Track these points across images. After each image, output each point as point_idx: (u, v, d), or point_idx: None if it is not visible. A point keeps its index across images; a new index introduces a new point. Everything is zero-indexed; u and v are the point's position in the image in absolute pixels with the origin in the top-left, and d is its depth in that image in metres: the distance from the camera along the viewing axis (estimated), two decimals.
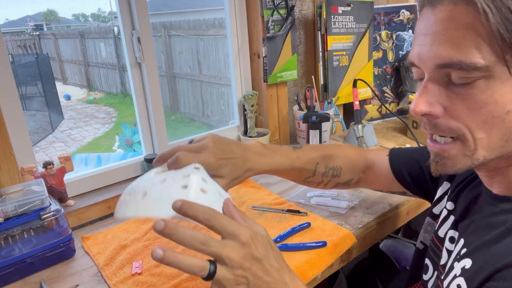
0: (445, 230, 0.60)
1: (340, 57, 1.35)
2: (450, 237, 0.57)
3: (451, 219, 0.60)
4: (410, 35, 1.60)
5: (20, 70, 5.78)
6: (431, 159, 0.52)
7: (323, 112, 1.16)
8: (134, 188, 0.58)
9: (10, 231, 0.73)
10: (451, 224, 0.59)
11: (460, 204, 0.59)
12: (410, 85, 1.46)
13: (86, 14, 13.77)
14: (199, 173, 0.58)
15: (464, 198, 0.59)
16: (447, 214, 0.61)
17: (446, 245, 0.58)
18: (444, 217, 0.62)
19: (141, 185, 0.57)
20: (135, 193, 0.56)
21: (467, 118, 0.45)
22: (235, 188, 1.05)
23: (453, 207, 0.61)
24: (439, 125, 0.47)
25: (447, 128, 0.47)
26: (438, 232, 0.61)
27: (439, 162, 0.50)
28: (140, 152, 1.15)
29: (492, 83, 0.42)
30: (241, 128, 1.31)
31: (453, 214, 0.60)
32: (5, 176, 0.82)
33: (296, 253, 0.76)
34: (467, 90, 0.44)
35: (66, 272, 0.75)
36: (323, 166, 0.75)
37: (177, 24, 4.75)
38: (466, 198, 0.58)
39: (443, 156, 0.49)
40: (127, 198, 0.58)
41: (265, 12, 1.16)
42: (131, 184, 0.61)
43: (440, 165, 0.50)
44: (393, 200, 0.94)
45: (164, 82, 4.98)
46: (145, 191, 0.56)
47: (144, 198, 0.55)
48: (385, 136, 1.40)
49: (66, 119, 5.85)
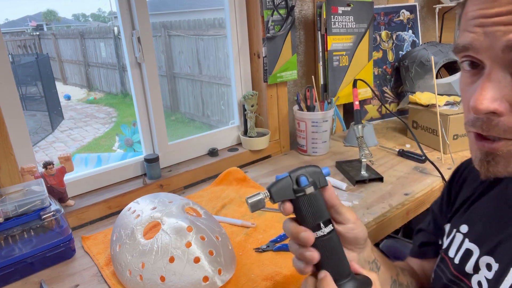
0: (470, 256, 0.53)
1: (340, 57, 1.35)
2: (486, 264, 0.50)
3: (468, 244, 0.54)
4: (410, 35, 1.60)
5: (20, 70, 5.78)
6: (480, 159, 0.45)
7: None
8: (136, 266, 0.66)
9: (10, 231, 0.73)
10: (479, 250, 0.52)
11: (478, 225, 0.54)
12: (410, 85, 1.46)
13: (86, 14, 13.79)
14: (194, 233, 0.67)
15: (476, 215, 0.55)
16: (461, 240, 0.56)
17: (480, 275, 0.51)
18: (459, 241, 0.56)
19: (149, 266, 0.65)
20: (149, 277, 0.64)
21: None
22: (236, 188, 1.05)
23: (466, 230, 0.56)
24: (501, 125, 0.41)
25: (510, 128, 0.40)
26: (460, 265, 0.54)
27: (490, 162, 0.44)
28: (141, 152, 1.15)
29: None
30: (241, 128, 1.31)
31: (469, 237, 0.55)
32: (5, 176, 0.82)
33: None
34: None
35: (66, 272, 0.75)
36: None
37: (177, 24, 4.74)
38: (480, 214, 0.55)
39: (496, 155, 0.43)
40: (137, 280, 0.65)
41: (265, 12, 1.16)
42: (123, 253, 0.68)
43: (492, 165, 0.44)
44: (393, 200, 0.94)
45: (164, 82, 4.98)
46: (160, 274, 0.64)
47: (165, 284, 0.63)
48: (385, 136, 1.40)
49: (66, 119, 5.85)
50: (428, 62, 1.36)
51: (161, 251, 0.65)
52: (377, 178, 1.04)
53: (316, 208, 0.47)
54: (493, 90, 0.40)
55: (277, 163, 1.23)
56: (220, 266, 0.67)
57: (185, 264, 0.64)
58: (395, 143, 1.32)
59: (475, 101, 0.40)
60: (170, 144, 1.15)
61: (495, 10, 0.38)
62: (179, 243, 0.65)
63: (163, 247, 0.65)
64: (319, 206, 0.47)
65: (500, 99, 0.40)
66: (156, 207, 0.72)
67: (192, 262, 0.64)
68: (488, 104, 0.39)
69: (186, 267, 0.64)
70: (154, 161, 1.05)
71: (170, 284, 0.63)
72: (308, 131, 1.22)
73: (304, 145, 1.25)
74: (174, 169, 1.13)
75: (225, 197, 1.00)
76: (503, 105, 0.40)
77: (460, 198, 0.62)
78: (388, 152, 1.25)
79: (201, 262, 0.65)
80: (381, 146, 1.30)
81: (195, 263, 0.65)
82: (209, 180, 1.15)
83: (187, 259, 0.64)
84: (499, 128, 0.41)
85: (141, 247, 0.66)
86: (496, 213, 0.53)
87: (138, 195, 1.01)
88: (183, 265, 0.64)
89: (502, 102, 0.40)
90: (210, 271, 0.65)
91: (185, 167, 1.14)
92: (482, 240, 0.53)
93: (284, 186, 0.46)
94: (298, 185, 0.46)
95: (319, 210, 0.47)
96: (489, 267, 0.50)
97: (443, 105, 1.23)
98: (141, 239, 0.68)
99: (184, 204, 0.75)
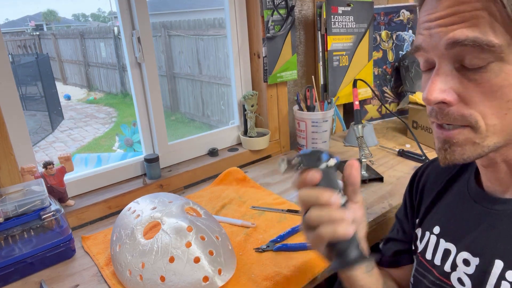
0: (448, 256, 0.54)
1: (340, 57, 1.35)
2: (463, 259, 0.52)
3: (445, 244, 0.55)
4: (410, 35, 1.60)
5: (20, 70, 5.78)
6: (439, 147, 0.49)
7: None
8: (136, 266, 0.66)
9: (10, 231, 0.73)
10: (455, 247, 0.54)
11: (450, 224, 0.56)
12: (410, 85, 1.46)
13: (86, 14, 13.79)
14: (194, 233, 0.68)
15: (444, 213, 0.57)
16: (436, 241, 0.57)
17: (459, 272, 0.52)
18: (434, 242, 0.58)
19: (149, 266, 0.65)
20: (149, 276, 0.65)
21: (481, 104, 0.43)
22: (235, 188, 1.05)
23: (438, 231, 0.57)
24: (451, 113, 0.45)
25: (460, 116, 0.45)
26: (442, 266, 0.55)
27: (447, 150, 0.47)
28: (141, 152, 1.15)
29: (505, 67, 0.41)
30: (241, 128, 1.31)
31: (445, 237, 0.56)
32: (5, 176, 0.82)
33: (296, 253, 0.76)
34: (481, 75, 0.42)
35: (66, 272, 0.75)
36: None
37: (177, 24, 4.75)
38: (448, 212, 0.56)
39: (452, 143, 0.47)
40: (137, 280, 0.66)
41: (265, 12, 1.16)
42: (123, 253, 0.69)
43: (448, 152, 0.47)
44: (393, 200, 0.94)
45: (164, 82, 4.98)
46: (160, 274, 0.64)
47: (165, 284, 0.64)
48: (385, 136, 1.40)
49: (66, 119, 5.85)
50: None
51: (161, 251, 0.65)
52: (377, 178, 1.04)
53: (334, 179, 0.54)
54: (441, 83, 0.44)
55: (277, 163, 1.23)
56: (220, 266, 0.67)
57: (185, 264, 0.64)
58: (395, 143, 1.32)
59: (426, 93, 0.45)
60: (170, 144, 1.15)
61: (437, 14, 0.43)
62: (179, 243, 0.65)
63: (163, 247, 0.65)
64: (335, 178, 0.54)
65: (447, 90, 0.44)
66: (156, 207, 0.72)
67: (192, 262, 0.64)
68: (437, 95, 0.44)
69: (186, 267, 0.64)
70: (154, 161, 1.05)
71: (170, 284, 0.63)
72: (308, 131, 1.22)
73: (304, 145, 1.25)
74: (174, 169, 1.13)
75: (225, 197, 1.00)
76: (450, 95, 0.44)
77: (425, 202, 0.63)
78: (388, 152, 1.25)
79: (201, 262, 0.65)
80: (381, 146, 1.30)
81: (195, 263, 0.65)
82: (209, 180, 1.15)
83: (187, 259, 0.64)
84: (449, 116, 0.45)
85: (141, 247, 0.66)
86: (464, 209, 0.55)
87: (138, 195, 1.01)
88: (183, 265, 0.64)
89: (450, 92, 0.44)
90: (210, 271, 0.65)
91: (185, 167, 1.14)
92: (457, 238, 0.54)
93: (311, 157, 0.53)
94: (319, 160, 0.53)
95: (335, 182, 0.54)
96: (466, 262, 0.51)
97: None
98: (141, 239, 0.68)
99: (184, 204, 0.75)
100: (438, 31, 0.43)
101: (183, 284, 0.63)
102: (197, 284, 0.64)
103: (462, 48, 0.42)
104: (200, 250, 0.66)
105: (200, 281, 0.64)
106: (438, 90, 0.44)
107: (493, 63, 0.42)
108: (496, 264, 0.48)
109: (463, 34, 0.41)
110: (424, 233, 0.60)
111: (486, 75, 0.42)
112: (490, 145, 0.45)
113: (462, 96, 0.44)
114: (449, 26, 0.42)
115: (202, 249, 0.66)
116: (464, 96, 0.44)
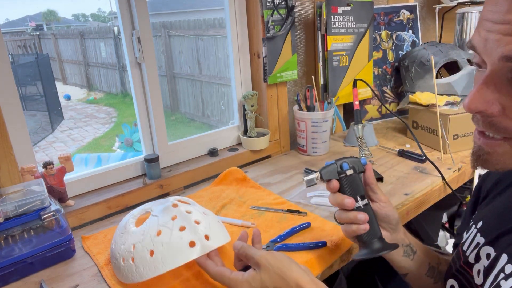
0: (475, 248, 0.57)
1: (340, 57, 1.35)
2: (486, 253, 0.53)
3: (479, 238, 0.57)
4: (410, 35, 1.60)
5: (20, 70, 5.77)
6: (474, 152, 0.48)
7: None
8: (128, 250, 0.66)
9: (10, 231, 0.73)
10: (483, 241, 0.56)
11: (490, 220, 0.57)
12: (410, 85, 1.46)
13: (86, 14, 13.79)
14: (180, 208, 0.70)
15: (491, 211, 0.58)
16: (475, 234, 0.59)
17: (480, 264, 0.54)
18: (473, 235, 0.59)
19: (138, 245, 0.65)
20: (139, 255, 0.64)
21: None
22: (235, 188, 1.05)
23: (480, 225, 0.58)
24: (494, 124, 0.43)
25: (503, 128, 0.43)
26: (466, 253, 0.58)
27: (481, 157, 0.47)
28: (141, 151, 1.15)
29: None
30: (241, 128, 1.31)
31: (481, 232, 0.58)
32: (5, 176, 0.82)
33: (296, 253, 0.75)
34: None
35: (66, 272, 0.75)
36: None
37: (177, 24, 4.74)
38: (493, 211, 0.57)
39: (487, 152, 0.46)
40: (130, 263, 0.65)
41: (265, 12, 1.16)
42: (117, 246, 0.69)
43: (481, 160, 0.47)
44: (393, 200, 0.94)
45: (164, 82, 4.98)
46: (149, 249, 0.64)
47: (155, 257, 0.63)
48: (385, 136, 1.40)
49: (66, 119, 5.84)
50: (428, 62, 1.36)
51: (149, 230, 0.66)
52: (377, 178, 1.04)
53: (354, 186, 0.64)
54: (486, 92, 0.42)
55: (277, 163, 1.23)
56: (207, 232, 0.67)
57: (171, 233, 0.65)
58: (395, 143, 1.32)
59: (468, 100, 0.43)
60: (170, 144, 1.15)
61: (499, 16, 0.39)
62: (166, 218, 0.67)
63: (151, 226, 0.67)
64: (356, 184, 0.64)
65: (491, 101, 0.42)
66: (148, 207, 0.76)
67: (178, 231, 0.65)
68: (477, 105, 0.42)
69: (172, 236, 0.65)
70: (154, 161, 1.05)
71: (159, 256, 0.63)
72: (308, 131, 1.22)
73: (304, 145, 1.25)
74: (174, 169, 1.13)
75: (225, 197, 1.00)
76: (494, 106, 0.42)
77: (485, 195, 0.65)
78: (388, 152, 1.25)
79: (186, 230, 0.66)
80: (381, 146, 1.30)
81: (181, 231, 0.65)
82: (209, 180, 1.15)
83: (173, 228, 0.66)
84: (493, 126, 0.44)
85: (132, 233, 0.68)
86: (506, 209, 0.56)
87: (138, 195, 1.01)
88: (169, 235, 0.65)
89: (494, 104, 0.42)
90: (195, 236, 0.65)
91: (185, 167, 1.14)
92: (487, 232, 0.56)
93: (331, 169, 0.64)
94: (341, 169, 0.64)
95: (357, 188, 0.64)
96: (488, 256, 0.53)
97: (443, 105, 1.23)
98: (133, 227, 0.70)
99: (176, 199, 0.76)
100: (494, 39, 0.40)
101: (170, 252, 0.63)
102: (184, 249, 0.64)
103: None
104: (186, 221, 0.67)
105: (186, 247, 0.64)
106: (482, 100, 0.42)
107: None
108: (502, 257, 0.49)
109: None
110: (471, 226, 0.61)
111: None
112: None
113: (507, 110, 0.42)
114: (508, 36, 0.38)
115: (187, 220, 0.67)
116: (509, 110, 0.42)
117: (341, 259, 0.78)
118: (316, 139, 1.23)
